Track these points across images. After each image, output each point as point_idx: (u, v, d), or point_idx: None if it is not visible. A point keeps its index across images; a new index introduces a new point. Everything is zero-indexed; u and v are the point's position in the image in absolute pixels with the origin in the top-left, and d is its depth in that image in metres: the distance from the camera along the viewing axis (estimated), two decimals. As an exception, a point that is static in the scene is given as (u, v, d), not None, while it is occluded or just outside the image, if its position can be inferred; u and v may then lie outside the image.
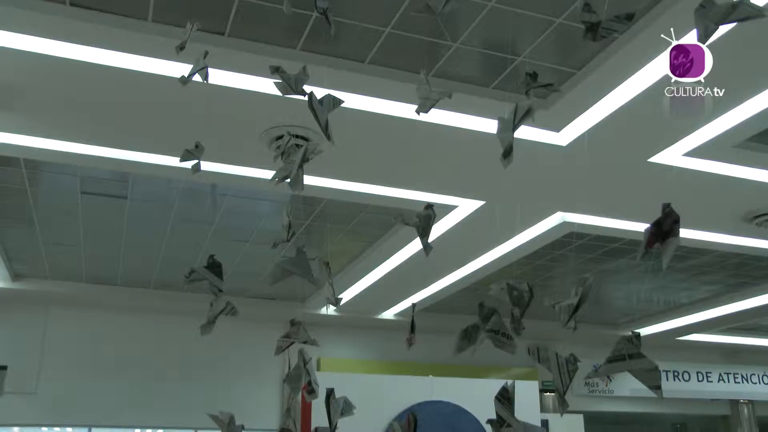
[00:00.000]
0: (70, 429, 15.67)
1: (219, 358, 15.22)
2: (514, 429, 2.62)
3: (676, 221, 2.35)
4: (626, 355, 2.38)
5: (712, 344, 19.04)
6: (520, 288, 2.74)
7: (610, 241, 11.13)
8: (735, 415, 20.32)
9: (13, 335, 14.38)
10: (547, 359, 2.59)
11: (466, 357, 9.78)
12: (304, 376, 2.98)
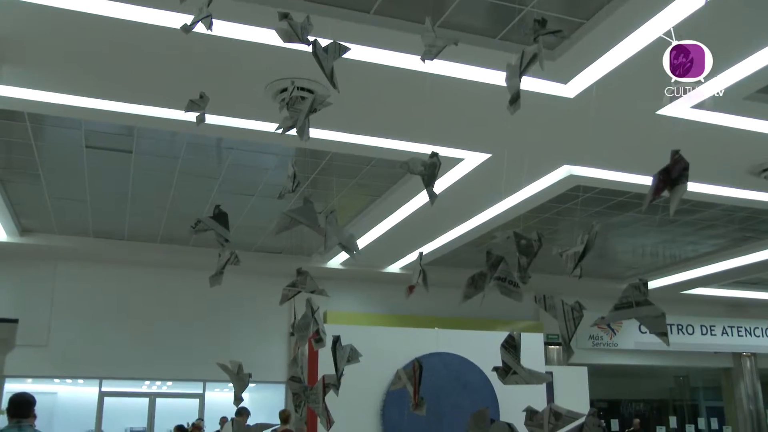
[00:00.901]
0: (82, 381, 15.97)
1: (226, 311, 15.37)
2: (520, 376, 2.64)
3: (685, 168, 2.32)
4: (633, 302, 2.38)
5: (717, 298, 19.14)
6: (528, 237, 2.73)
7: (617, 195, 11.10)
8: (737, 367, 20.53)
9: (23, 289, 14.54)
10: (553, 307, 2.58)
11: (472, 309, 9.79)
12: (311, 325, 2.99)
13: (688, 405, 22.44)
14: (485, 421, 2.56)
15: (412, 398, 2.86)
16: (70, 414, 16.22)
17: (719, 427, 20.65)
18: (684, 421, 20.85)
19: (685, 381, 22.67)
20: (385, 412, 7.14)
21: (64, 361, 14.54)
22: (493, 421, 2.58)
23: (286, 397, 15.73)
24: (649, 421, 21.01)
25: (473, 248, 13.54)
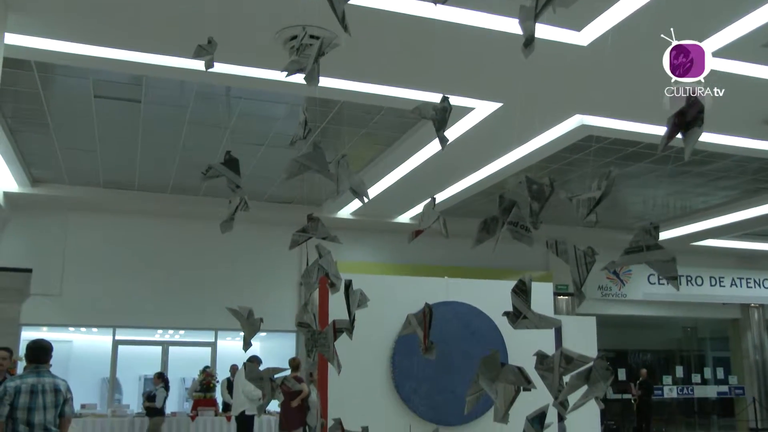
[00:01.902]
0: (96, 329, 16.22)
1: (237, 261, 15.49)
2: (530, 320, 2.65)
3: (701, 111, 2.28)
4: (644, 246, 2.37)
5: (727, 250, 19.12)
6: (539, 182, 2.70)
7: (629, 145, 11.00)
8: (745, 318, 20.63)
9: (36, 239, 14.66)
10: (565, 252, 2.57)
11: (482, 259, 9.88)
12: (317, 271, 3.00)
13: (695, 355, 22.63)
14: (496, 365, 2.57)
15: (422, 342, 2.88)
16: (85, 362, 16.52)
17: (725, 376, 20.87)
18: (690, 370, 21.06)
19: (692, 332, 22.81)
20: (395, 359, 7.21)
21: (77, 310, 14.75)
22: (503, 364, 2.60)
23: (297, 346, 15.95)
24: (656, 371, 21.23)
25: (484, 198, 13.52)
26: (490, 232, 2.67)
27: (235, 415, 11.08)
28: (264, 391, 3.13)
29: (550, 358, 2.59)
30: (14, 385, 5.71)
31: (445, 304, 7.30)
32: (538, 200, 2.73)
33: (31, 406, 5.66)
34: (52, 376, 6.00)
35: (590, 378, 2.48)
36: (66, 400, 5.93)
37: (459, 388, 7.19)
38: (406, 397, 7.19)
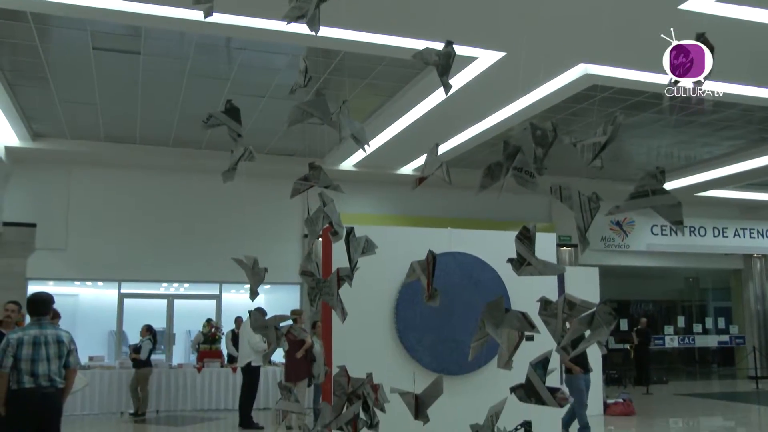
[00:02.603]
0: (101, 283, 16.34)
1: (241, 214, 15.49)
2: (534, 267, 2.65)
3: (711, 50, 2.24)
4: (649, 190, 2.35)
5: (730, 200, 19.09)
6: (543, 127, 2.67)
7: (634, 95, 10.89)
8: (747, 268, 20.71)
9: (39, 194, 14.68)
10: (569, 198, 2.55)
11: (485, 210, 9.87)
12: (322, 219, 2.99)
13: (697, 305, 22.78)
14: (500, 311, 2.58)
15: (426, 290, 2.88)
16: (92, 315, 16.69)
17: (726, 326, 21.06)
18: (692, 320, 21.24)
19: (694, 282, 22.93)
20: (399, 310, 7.26)
21: (82, 264, 14.85)
22: (507, 310, 2.60)
23: (301, 298, 16.08)
24: (657, 321, 21.40)
25: (487, 149, 13.46)
26: (494, 178, 2.65)
27: (241, 367, 11.21)
28: (269, 339, 3.15)
29: (553, 303, 2.59)
30: (17, 336, 5.75)
31: (448, 254, 7.31)
32: (542, 146, 2.70)
33: (34, 357, 5.71)
34: (54, 328, 6.05)
35: (593, 323, 2.48)
36: (70, 351, 5.98)
37: (462, 338, 7.26)
38: (410, 347, 7.27)
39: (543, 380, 2.62)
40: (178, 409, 12.93)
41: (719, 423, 12.64)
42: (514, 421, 3.42)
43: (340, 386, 3.01)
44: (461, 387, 7.13)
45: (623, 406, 12.47)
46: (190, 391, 13.13)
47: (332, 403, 3.06)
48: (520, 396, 2.67)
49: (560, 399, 2.64)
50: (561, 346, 2.55)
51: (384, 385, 3.02)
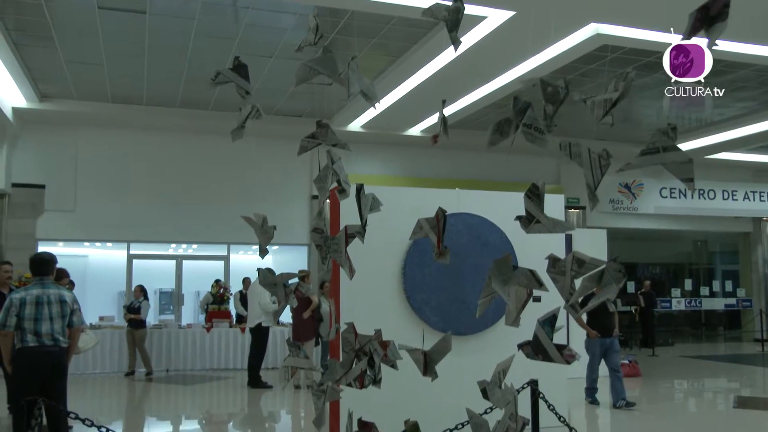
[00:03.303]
0: (110, 244, 16.45)
1: (249, 175, 15.52)
2: (543, 225, 2.64)
3: (726, 5, 2.19)
4: (660, 147, 2.33)
5: (741, 163, 18.95)
6: (554, 84, 2.64)
7: (645, 55, 10.74)
8: (756, 231, 20.64)
9: (47, 155, 14.70)
10: (579, 155, 2.53)
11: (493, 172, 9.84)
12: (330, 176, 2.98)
13: (704, 268, 22.78)
14: (508, 268, 2.58)
15: (436, 247, 2.88)
16: (101, 276, 16.86)
17: (733, 289, 21.08)
18: (699, 283, 21.26)
19: (702, 245, 22.90)
20: (406, 271, 7.27)
21: (91, 225, 14.93)
22: (515, 267, 2.60)
23: (309, 259, 16.15)
24: (665, 284, 21.44)
25: (495, 110, 13.37)
26: (504, 134, 2.63)
27: (251, 327, 11.32)
28: (278, 296, 3.17)
29: (562, 261, 2.59)
30: (19, 296, 5.80)
31: (456, 215, 7.30)
32: (552, 102, 2.67)
33: (37, 316, 5.76)
34: (57, 287, 6.07)
35: (602, 280, 2.48)
36: (73, 311, 6.01)
37: (470, 298, 7.29)
38: (418, 308, 7.30)
39: (550, 337, 2.63)
40: (188, 369, 13.10)
41: (724, 384, 12.72)
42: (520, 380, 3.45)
43: (349, 343, 3.04)
44: (468, 347, 7.18)
45: (629, 368, 12.55)
46: (199, 351, 13.29)
47: (341, 360, 3.09)
48: (528, 353, 2.69)
49: (567, 356, 2.65)
50: (569, 304, 2.56)
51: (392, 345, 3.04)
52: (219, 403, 10.62)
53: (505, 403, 2.84)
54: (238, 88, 3.28)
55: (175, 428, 8.63)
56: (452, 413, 4.26)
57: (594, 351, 9.26)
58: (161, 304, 17.33)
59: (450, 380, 5.82)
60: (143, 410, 9.86)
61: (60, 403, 5.62)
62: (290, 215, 15.33)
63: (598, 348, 9.24)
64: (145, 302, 12.73)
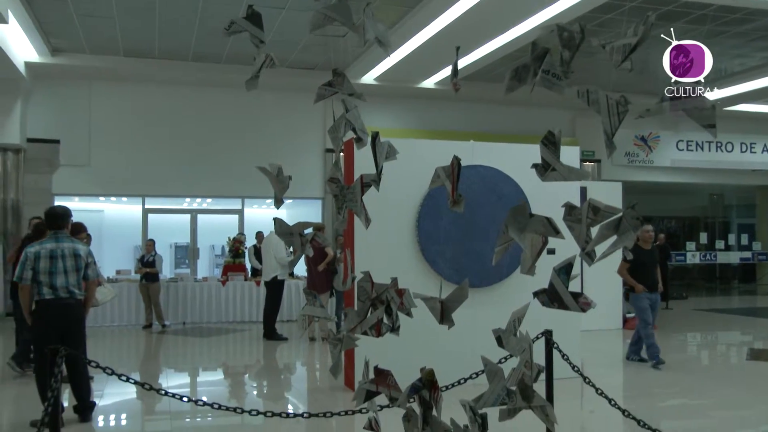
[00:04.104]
0: (125, 199, 16.55)
1: (263, 129, 15.51)
2: (559, 172, 2.62)
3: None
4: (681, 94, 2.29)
5: (760, 114, 18.66)
6: (571, 29, 2.59)
7: (664, 3, 10.53)
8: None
9: (61, 111, 14.73)
10: (597, 101, 2.50)
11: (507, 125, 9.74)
12: (347, 124, 2.96)
13: (720, 222, 22.66)
14: (524, 215, 2.57)
15: (451, 195, 2.87)
16: (117, 230, 17.00)
17: (749, 242, 20.97)
18: (714, 237, 21.17)
19: (719, 198, 22.74)
20: (421, 223, 7.28)
21: (106, 180, 15.02)
22: (531, 215, 2.59)
23: (323, 212, 16.21)
24: (680, 237, 21.36)
25: (509, 62, 13.19)
26: (521, 80, 2.59)
27: (266, 280, 11.42)
28: (294, 246, 3.18)
29: (578, 209, 2.57)
30: (34, 250, 5.86)
31: (471, 167, 7.26)
32: (569, 48, 2.62)
33: (52, 270, 5.82)
34: (71, 241, 6.12)
35: (620, 228, 2.47)
36: (87, 264, 6.07)
37: (484, 251, 7.29)
38: (432, 260, 7.32)
39: (566, 285, 2.63)
40: (204, 322, 13.27)
41: (737, 337, 12.75)
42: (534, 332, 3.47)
43: (365, 291, 3.05)
44: (483, 299, 7.21)
45: (642, 320, 12.60)
46: (215, 304, 13.44)
47: (356, 308, 3.10)
48: (543, 301, 2.69)
49: (583, 304, 2.65)
50: (585, 252, 2.55)
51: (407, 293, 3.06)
52: (235, 354, 10.78)
53: (520, 351, 2.85)
54: (252, 37, 3.24)
55: (193, 379, 8.78)
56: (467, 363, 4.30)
57: (643, 305, 8.84)
58: (177, 258, 17.48)
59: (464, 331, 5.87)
60: (161, 361, 10.03)
61: (80, 353, 5.72)
62: (304, 168, 15.34)
63: (646, 302, 8.86)
64: (159, 256, 12.85)
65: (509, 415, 2.84)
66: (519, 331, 2.92)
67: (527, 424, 3.68)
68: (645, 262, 8.88)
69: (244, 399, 7.47)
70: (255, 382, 8.65)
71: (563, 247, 3.55)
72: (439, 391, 2.94)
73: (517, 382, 2.80)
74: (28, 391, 6.95)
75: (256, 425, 6.02)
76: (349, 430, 6.05)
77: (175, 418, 6.47)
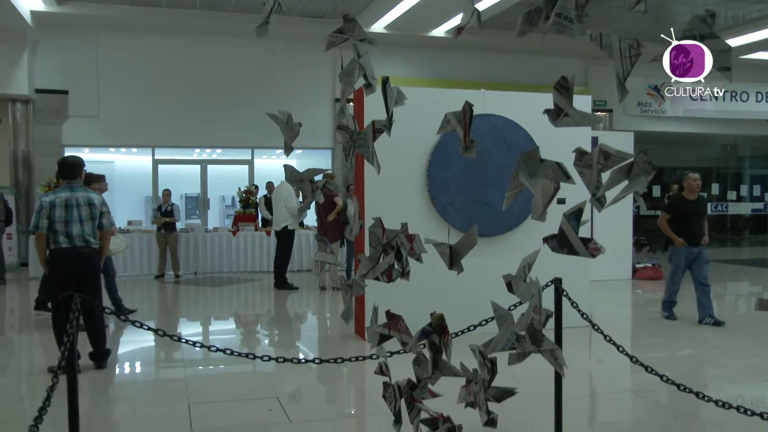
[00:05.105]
0: (135, 149, 16.56)
1: (272, 79, 15.40)
2: (572, 118, 2.60)
3: None
4: (698, 35, 2.26)
5: (778, 63, 18.37)
6: (585, -30, 2.54)
7: (681, -52, 10.29)
8: (788, 134, 20.23)
9: (68, 61, 14.66)
10: (609, 45, 2.46)
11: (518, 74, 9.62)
12: (359, 69, 2.94)
13: (733, 173, 22.48)
14: (535, 161, 2.56)
15: (462, 141, 2.86)
16: (128, 181, 17.04)
17: (761, 193, 20.84)
18: (726, 188, 21.02)
19: (732, 149, 22.52)
20: (431, 172, 7.26)
21: (116, 131, 15.02)
22: (542, 160, 2.58)
23: (333, 162, 16.19)
24: (691, 188, 21.21)
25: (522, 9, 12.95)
26: (533, 24, 2.55)
27: (277, 230, 11.46)
28: (305, 192, 3.18)
29: (588, 154, 2.56)
30: (49, 199, 5.89)
31: (481, 116, 7.19)
32: (584, -9, 2.58)
33: (67, 219, 5.86)
34: (85, 190, 6.14)
35: (631, 172, 2.46)
36: (102, 213, 6.11)
37: (494, 200, 7.29)
38: (442, 210, 7.32)
39: (576, 231, 2.64)
40: (215, 271, 13.39)
41: (747, 288, 12.77)
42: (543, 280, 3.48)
43: (376, 237, 3.07)
44: (492, 249, 7.23)
45: (652, 271, 12.63)
46: (225, 254, 13.54)
47: (368, 255, 3.12)
48: (553, 246, 2.70)
49: (592, 249, 2.66)
50: (596, 197, 2.54)
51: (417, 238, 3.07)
52: (246, 304, 10.90)
53: (530, 296, 2.87)
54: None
55: (205, 328, 8.90)
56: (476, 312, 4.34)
57: (678, 261, 8.29)
58: (187, 208, 17.57)
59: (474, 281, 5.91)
60: (174, 310, 10.16)
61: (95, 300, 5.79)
62: (314, 119, 15.26)
63: (683, 258, 8.28)
64: (176, 205, 12.92)
65: (518, 359, 2.88)
66: (529, 277, 2.93)
67: (536, 369, 3.74)
68: (688, 214, 8.30)
69: (255, 347, 7.58)
70: (266, 331, 8.76)
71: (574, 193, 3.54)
72: (449, 335, 2.98)
73: (527, 326, 2.83)
74: (46, 339, 7.09)
75: (267, 372, 6.12)
76: (360, 375, 6.14)
77: (189, 366, 6.58)
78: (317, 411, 5.20)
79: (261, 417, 4.80)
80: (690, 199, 8.35)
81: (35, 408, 2.55)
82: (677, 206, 8.30)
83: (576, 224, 2.64)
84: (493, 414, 2.97)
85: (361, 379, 6.07)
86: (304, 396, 5.66)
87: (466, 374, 3.08)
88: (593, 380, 6.15)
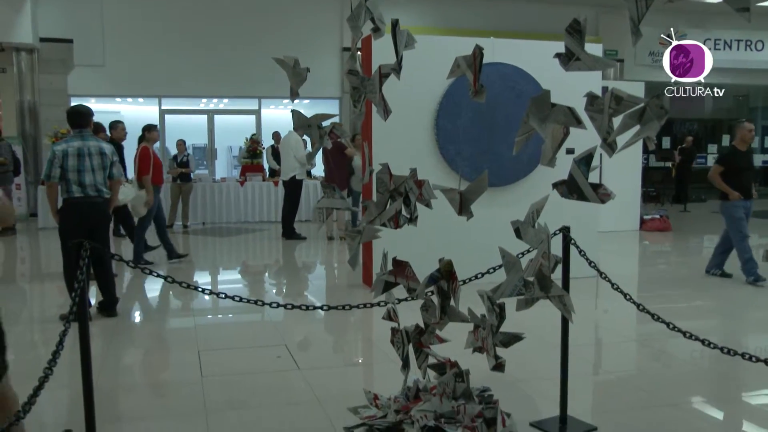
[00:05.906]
0: (142, 99, 16.48)
1: (279, 29, 15.22)
2: (583, 62, 2.55)
3: None
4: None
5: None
6: None
7: None
8: (801, 83, 19.93)
9: (73, 9, 14.50)
10: (624, -11, 2.41)
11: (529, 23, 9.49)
12: (367, 13, 2.89)
13: (744, 124, 22.22)
14: (546, 105, 2.52)
15: (472, 85, 2.82)
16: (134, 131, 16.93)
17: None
18: (737, 139, 20.81)
19: (744, 101, 22.21)
20: (439, 122, 7.21)
21: (122, 81, 14.93)
22: (553, 105, 2.55)
23: (340, 113, 16.09)
24: (702, 140, 21.04)
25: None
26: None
27: (284, 180, 11.45)
28: (312, 137, 3.16)
29: (600, 98, 2.52)
30: (61, 148, 5.87)
31: (491, 65, 7.09)
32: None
33: (80, 168, 5.86)
34: (96, 139, 6.13)
35: (643, 117, 2.43)
36: (113, 163, 6.11)
37: (502, 150, 7.24)
38: (450, 159, 7.28)
39: (586, 176, 2.62)
40: (223, 222, 13.43)
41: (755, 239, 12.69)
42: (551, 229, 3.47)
43: (383, 183, 3.05)
44: (501, 199, 7.22)
45: (660, 222, 12.60)
46: (233, 204, 13.56)
47: (375, 201, 3.11)
48: (562, 192, 2.68)
49: (602, 195, 2.64)
50: (607, 142, 2.51)
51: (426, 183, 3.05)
52: (255, 254, 10.96)
53: (538, 242, 2.87)
54: None
55: (214, 278, 8.96)
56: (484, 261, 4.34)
57: (737, 214, 7.77)
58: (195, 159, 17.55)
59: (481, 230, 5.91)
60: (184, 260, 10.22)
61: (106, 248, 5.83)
62: (321, 68, 15.13)
63: (741, 211, 7.81)
64: (191, 155, 12.89)
65: (526, 305, 2.88)
66: (537, 223, 2.92)
67: (543, 315, 3.75)
68: (741, 167, 7.87)
69: (264, 296, 7.64)
70: (274, 280, 8.82)
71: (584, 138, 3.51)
72: (457, 281, 2.98)
73: (535, 272, 2.83)
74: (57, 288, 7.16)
75: (276, 320, 6.18)
76: (368, 322, 6.20)
77: (198, 314, 6.65)
78: (325, 358, 5.27)
79: (270, 364, 4.86)
80: (742, 150, 7.94)
81: (49, 353, 2.58)
82: (732, 158, 7.90)
83: (586, 170, 2.62)
84: (501, 359, 3.00)
85: (369, 327, 6.13)
86: (312, 343, 5.73)
87: (474, 320, 3.10)
88: (599, 329, 6.19)
